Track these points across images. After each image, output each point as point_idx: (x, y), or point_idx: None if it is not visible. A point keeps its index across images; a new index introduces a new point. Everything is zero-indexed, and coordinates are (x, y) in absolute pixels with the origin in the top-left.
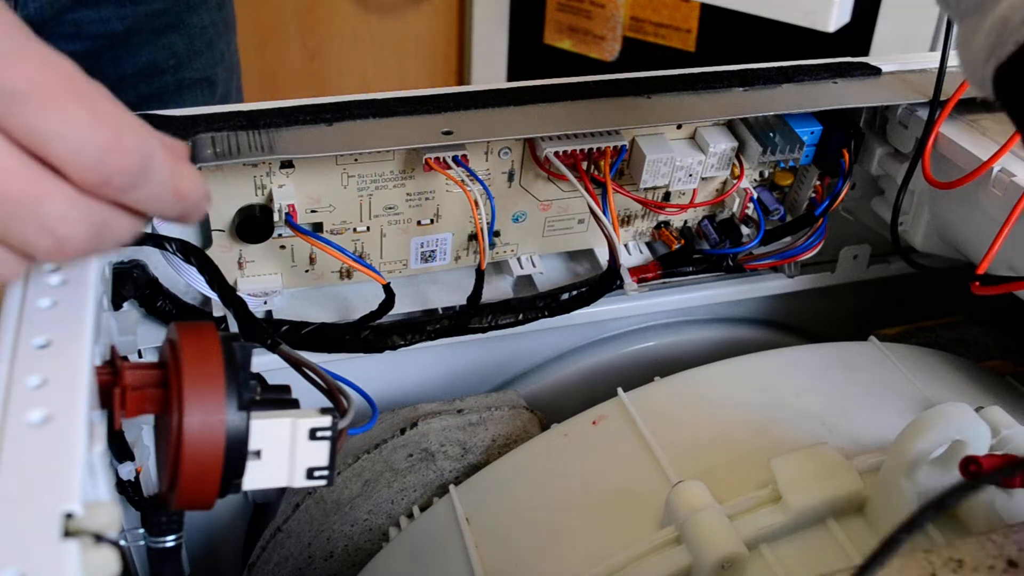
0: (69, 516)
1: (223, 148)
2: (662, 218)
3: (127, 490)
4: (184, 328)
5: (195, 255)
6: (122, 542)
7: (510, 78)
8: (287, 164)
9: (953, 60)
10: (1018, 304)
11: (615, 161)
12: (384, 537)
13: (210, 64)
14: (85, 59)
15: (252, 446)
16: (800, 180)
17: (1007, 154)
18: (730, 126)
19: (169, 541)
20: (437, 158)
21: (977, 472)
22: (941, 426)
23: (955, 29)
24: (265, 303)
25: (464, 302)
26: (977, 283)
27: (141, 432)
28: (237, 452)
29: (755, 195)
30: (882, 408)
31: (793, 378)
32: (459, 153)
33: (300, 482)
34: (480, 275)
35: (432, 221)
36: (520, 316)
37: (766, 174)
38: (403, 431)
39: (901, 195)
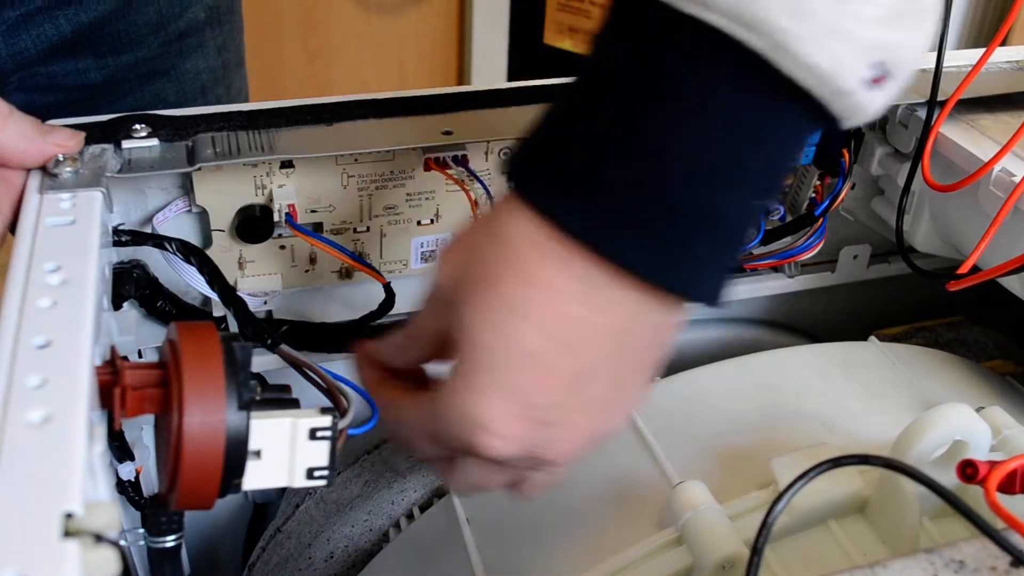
0: (69, 516)
1: (223, 148)
2: None
3: (127, 490)
4: (184, 328)
5: (195, 255)
6: (122, 542)
7: (510, 78)
8: (287, 164)
9: (951, 60)
10: (1018, 304)
11: None
12: (384, 538)
13: None
14: (60, 110)
15: (252, 446)
16: (800, 180)
17: (1007, 155)
18: None
19: (169, 541)
20: (437, 158)
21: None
22: (942, 426)
23: None
24: (265, 303)
25: None
26: (951, 281)
27: (141, 432)
28: (237, 452)
29: None
30: (882, 408)
31: (793, 378)
32: (459, 153)
33: (300, 482)
34: None
35: (432, 221)
36: None
37: None
38: None
39: (904, 198)
